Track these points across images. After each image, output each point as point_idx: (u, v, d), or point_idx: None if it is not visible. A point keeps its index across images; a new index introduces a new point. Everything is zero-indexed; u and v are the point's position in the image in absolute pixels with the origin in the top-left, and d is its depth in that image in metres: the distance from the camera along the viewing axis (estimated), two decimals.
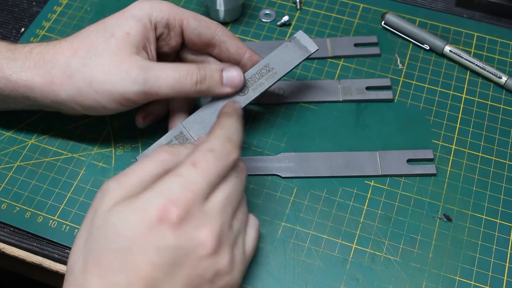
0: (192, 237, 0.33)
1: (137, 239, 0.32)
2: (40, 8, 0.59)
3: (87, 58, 0.42)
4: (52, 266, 0.44)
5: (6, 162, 0.48)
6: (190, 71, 0.42)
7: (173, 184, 0.34)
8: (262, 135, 0.50)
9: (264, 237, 0.44)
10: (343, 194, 0.47)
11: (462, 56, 0.53)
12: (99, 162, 0.48)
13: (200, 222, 0.34)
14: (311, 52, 0.46)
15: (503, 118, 0.51)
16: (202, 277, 0.34)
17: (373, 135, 0.50)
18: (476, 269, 0.43)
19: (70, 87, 0.42)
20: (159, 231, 0.33)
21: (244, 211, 0.38)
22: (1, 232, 0.45)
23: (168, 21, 0.44)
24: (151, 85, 0.41)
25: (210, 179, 0.35)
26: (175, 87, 0.42)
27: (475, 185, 0.47)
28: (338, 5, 0.59)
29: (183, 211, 0.33)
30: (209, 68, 0.43)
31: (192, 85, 0.42)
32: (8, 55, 0.43)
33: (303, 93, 0.52)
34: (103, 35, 0.42)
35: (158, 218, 0.33)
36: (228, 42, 0.45)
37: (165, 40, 0.45)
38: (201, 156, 0.35)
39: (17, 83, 0.43)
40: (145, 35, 0.43)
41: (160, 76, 0.41)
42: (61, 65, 0.42)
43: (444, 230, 0.45)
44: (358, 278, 0.43)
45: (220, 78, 0.43)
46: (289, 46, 0.46)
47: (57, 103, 0.43)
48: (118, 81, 0.41)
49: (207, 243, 0.34)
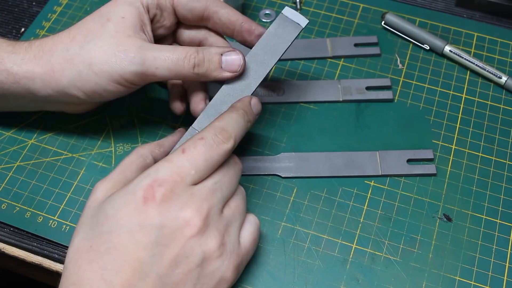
0: (177, 216, 0.34)
1: (124, 220, 0.34)
2: (40, 8, 0.59)
3: (85, 42, 0.42)
4: (52, 266, 0.44)
5: (6, 162, 0.48)
6: (189, 53, 0.42)
7: (161, 168, 0.36)
8: (262, 135, 0.50)
9: (264, 237, 0.44)
10: (343, 194, 0.47)
11: (462, 56, 0.53)
12: (99, 162, 0.48)
13: (185, 202, 0.35)
14: (302, 27, 0.44)
15: (503, 118, 0.51)
16: (189, 259, 0.34)
17: (373, 135, 0.50)
18: (476, 269, 0.43)
19: (70, 71, 0.42)
20: (144, 211, 0.34)
21: (239, 203, 0.38)
22: (1, 232, 0.45)
23: (158, 2, 0.44)
24: (149, 66, 0.41)
25: (198, 165, 0.36)
26: (172, 69, 0.41)
27: (475, 185, 0.47)
28: (338, 5, 0.59)
29: (168, 190, 0.35)
30: (208, 51, 0.43)
31: (190, 67, 0.42)
32: (9, 49, 0.44)
33: (303, 93, 0.52)
34: (99, 21, 0.43)
35: (144, 197, 0.34)
36: (219, 12, 0.45)
37: (159, 22, 0.45)
38: (191, 144, 0.37)
39: (18, 75, 0.43)
40: (139, 17, 0.43)
41: (158, 57, 0.41)
42: (60, 52, 0.42)
43: (444, 230, 0.45)
44: (358, 278, 0.43)
45: (219, 61, 0.42)
46: (280, 25, 0.44)
47: (58, 92, 0.43)
48: (117, 61, 0.41)
49: (192, 222, 0.35)
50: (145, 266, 0.33)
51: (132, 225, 0.34)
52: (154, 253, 0.34)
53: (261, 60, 0.44)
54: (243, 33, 0.45)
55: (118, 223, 0.34)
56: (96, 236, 0.34)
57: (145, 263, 0.33)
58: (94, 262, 0.34)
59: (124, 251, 0.33)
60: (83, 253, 0.34)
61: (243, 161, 0.48)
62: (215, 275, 0.36)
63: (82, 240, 0.35)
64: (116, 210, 0.35)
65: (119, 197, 0.35)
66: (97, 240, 0.34)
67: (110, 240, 0.34)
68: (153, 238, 0.34)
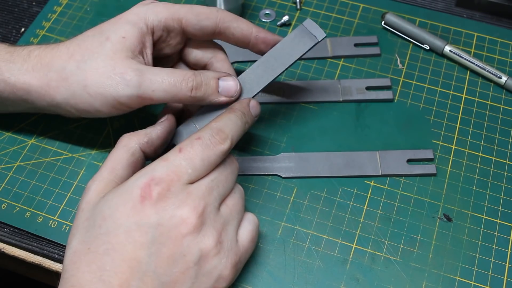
0: (173, 214, 0.35)
1: (122, 220, 0.34)
2: (40, 8, 0.59)
3: (82, 62, 0.42)
4: (52, 266, 0.44)
5: (6, 162, 0.48)
6: (186, 76, 0.41)
7: (158, 167, 0.36)
8: (262, 135, 0.50)
9: (264, 237, 0.44)
10: (343, 194, 0.47)
11: (462, 56, 0.53)
12: (99, 162, 0.48)
13: (182, 200, 0.35)
14: (318, 40, 0.45)
15: (503, 118, 0.51)
16: (186, 257, 0.34)
17: (373, 135, 0.50)
18: (476, 269, 0.43)
19: (65, 90, 0.42)
20: (141, 209, 0.34)
21: (237, 201, 0.38)
22: (1, 232, 0.45)
23: (166, 24, 0.44)
24: (145, 89, 0.41)
25: (195, 164, 0.36)
26: (169, 91, 0.41)
27: (475, 185, 0.47)
28: (338, 5, 0.59)
29: (164, 189, 0.35)
30: (206, 75, 0.42)
31: (187, 91, 0.41)
32: (7, 58, 0.43)
33: (303, 93, 0.52)
34: (98, 39, 0.42)
35: (140, 196, 0.34)
36: (231, 27, 0.45)
37: (165, 42, 0.45)
38: (188, 143, 0.37)
39: (16, 86, 0.43)
40: (141, 39, 0.43)
41: (155, 80, 0.41)
42: (57, 69, 0.42)
43: (444, 230, 0.45)
44: (358, 278, 0.43)
45: (216, 86, 0.42)
46: (297, 35, 0.45)
47: (53, 106, 0.43)
48: (112, 84, 0.41)
49: (188, 220, 0.35)
50: (142, 265, 0.34)
51: (130, 224, 0.34)
52: (152, 252, 0.34)
53: (270, 66, 0.44)
54: (259, 45, 0.45)
55: (115, 223, 0.34)
56: (94, 237, 0.34)
57: (143, 263, 0.34)
58: (93, 263, 0.34)
59: (122, 251, 0.34)
60: (81, 256, 0.34)
61: (243, 161, 0.48)
62: (213, 274, 0.36)
63: (80, 243, 0.35)
64: (113, 210, 0.35)
65: (115, 197, 0.35)
66: (95, 242, 0.34)
67: (108, 241, 0.34)
68: (150, 237, 0.34)
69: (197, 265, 0.35)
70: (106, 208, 0.35)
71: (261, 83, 0.44)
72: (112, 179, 0.37)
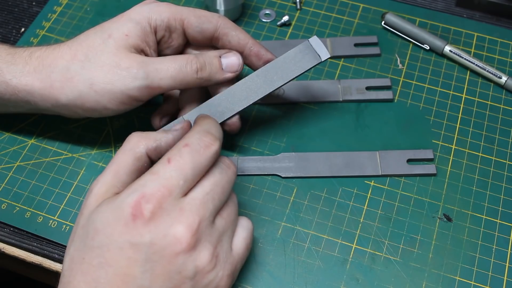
0: (167, 233, 0.33)
1: (114, 236, 0.33)
2: (40, 8, 0.59)
3: (86, 61, 0.42)
4: (52, 266, 0.44)
5: (6, 162, 0.48)
6: (189, 60, 0.42)
7: (148, 182, 0.34)
8: (262, 135, 0.50)
9: (264, 237, 0.44)
10: (343, 194, 0.47)
11: (462, 56, 0.53)
12: (99, 162, 0.48)
13: (175, 217, 0.34)
14: (321, 60, 0.45)
15: (503, 118, 0.51)
16: (181, 274, 0.34)
17: (373, 135, 0.50)
18: (476, 269, 0.43)
19: (70, 90, 0.42)
20: (134, 228, 0.33)
21: (231, 210, 0.38)
22: (1, 232, 0.45)
23: (168, 24, 0.44)
24: (153, 79, 0.41)
25: (186, 174, 0.35)
26: (176, 77, 0.41)
27: (475, 185, 0.47)
28: (338, 5, 0.59)
29: (156, 207, 0.33)
30: (207, 55, 0.43)
31: (193, 73, 0.42)
32: (8, 59, 0.43)
33: (303, 93, 0.52)
34: (101, 36, 0.42)
35: (132, 214, 0.33)
36: (229, 34, 0.45)
37: (167, 43, 0.45)
38: (176, 152, 0.35)
39: (17, 88, 0.43)
40: (144, 38, 0.43)
41: (160, 68, 0.41)
42: (60, 69, 0.42)
43: (444, 230, 0.45)
44: (358, 278, 0.43)
45: (219, 64, 0.43)
46: (301, 51, 0.45)
47: (57, 107, 0.43)
48: (120, 79, 0.41)
49: (182, 239, 0.33)
50: (137, 280, 0.33)
51: (123, 242, 0.33)
52: (146, 269, 0.33)
53: (269, 78, 0.44)
54: (251, 57, 0.46)
55: (108, 239, 0.33)
56: (88, 249, 0.34)
57: (137, 278, 0.33)
58: (88, 275, 0.33)
59: (116, 266, 0.33)
60: (77, 264, 0.34)
61: (243, 161, 0.48)
62: (210, 286, 0.35)
63: (76, 251, 0.35)
64: (105, 226, 0.34)
65: (107, 211, 0.34)
66: (90, 254, 0.34)
67: (102, 255, 0.33)
68: (144, 255, 0.33)
69: (193, 280, 0.34)
70: (98, 221, 0.34)
71: (258, 94, 0.44)
72: (115, 185, 0.36)
